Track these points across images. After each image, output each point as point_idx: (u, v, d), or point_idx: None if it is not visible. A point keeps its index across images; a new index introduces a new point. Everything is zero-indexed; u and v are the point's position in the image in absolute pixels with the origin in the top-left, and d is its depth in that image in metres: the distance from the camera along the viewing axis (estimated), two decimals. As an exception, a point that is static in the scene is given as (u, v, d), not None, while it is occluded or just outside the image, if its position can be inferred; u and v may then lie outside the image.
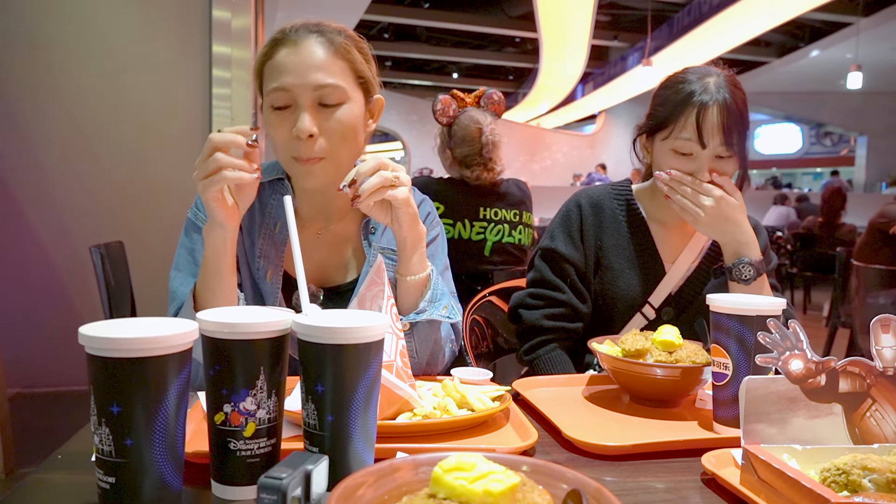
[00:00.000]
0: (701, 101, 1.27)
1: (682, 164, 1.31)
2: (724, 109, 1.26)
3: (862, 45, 11.91)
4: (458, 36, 16.91)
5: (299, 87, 1.07)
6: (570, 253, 1.41)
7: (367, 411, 0.68)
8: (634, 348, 1.07)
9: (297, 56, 1.08)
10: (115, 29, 3.28)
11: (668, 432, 0.95)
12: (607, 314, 1.40)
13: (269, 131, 1.12)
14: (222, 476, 0.68)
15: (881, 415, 0.79)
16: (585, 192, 1.48)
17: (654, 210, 1.44)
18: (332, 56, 1.10)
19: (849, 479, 0.66)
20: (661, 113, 1.33)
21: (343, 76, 1.10)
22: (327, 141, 1.09)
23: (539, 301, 1.42)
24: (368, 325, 0.67)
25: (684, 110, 1.28)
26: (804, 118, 18.28)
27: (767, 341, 0.79)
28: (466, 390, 0.95)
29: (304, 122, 1.07)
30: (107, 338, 0.58)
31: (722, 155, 1.29)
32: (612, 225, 1.42)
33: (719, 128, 1.26)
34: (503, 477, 0.51)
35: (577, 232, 1.42)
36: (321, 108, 1.09)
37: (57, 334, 3.08)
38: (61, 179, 3.23)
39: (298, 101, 1.08)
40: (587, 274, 1.41)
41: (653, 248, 1.41)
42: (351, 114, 1.11)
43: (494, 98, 2.38)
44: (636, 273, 1.40)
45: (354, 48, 1.14)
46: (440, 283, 1.12)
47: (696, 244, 1.42)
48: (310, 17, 1.14)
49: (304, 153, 1.08)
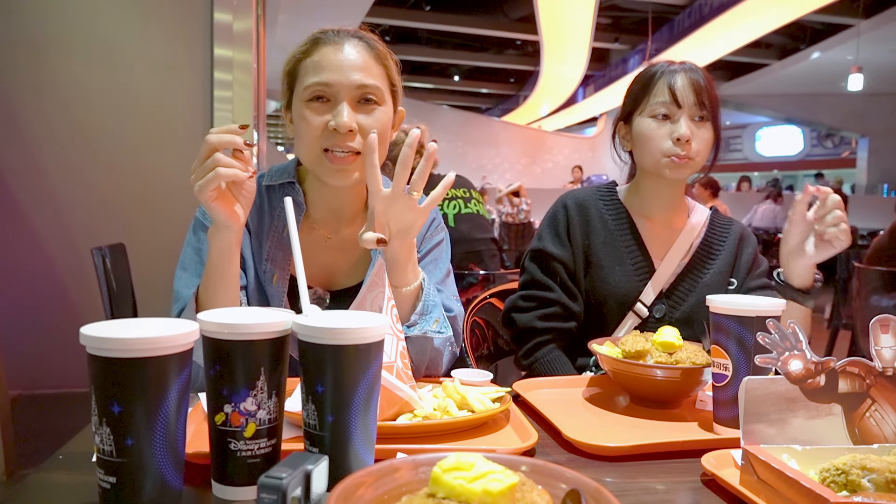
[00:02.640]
0: (669, 71, 1.37)
1: (663, 130, 1.34)
2: (693, 74, 1.35)
3: (863, 47, 11.91)
4: (459, 38, 16.92)
5: (342, 83, 1.09)
6: (559, 252, 1.42)
7: (366, 412, 0.68)
8: (635, 349, 1.07)
9: (341, 54, 1.10)
10: (117, 31, 3.29)
11: (668, 433, 0.95)
12: (599, 312, 1.40)
13: (300, 125, 1.12)
14: (223, 476, 0.69)
15: (881, 415, 0.79)
16: (570, 193, 1.50)
17: (639, 206, 1.45)
18: (372, 59, 1.13)
19: (848, 479, 0.66)
20: (633, 95, 1.42)
21: (381, 80, 1.13)
22: (363, 139, 1.10)
23: (531, 303, 1.42)
24: (368, 326, 0.67)
25: (656, 82, 1.37)
26: (805, 120, 18.25)
27: (767, 342, 0.79)
28: (467, 391, 0.95)
29: (344, 115, 1.08)
30: (108, 338, 0.58)
31: (697, 117, 1.34)
32: (599, 223, 1.43)
33: (690, 88, 1.33)
34: (502, 477, 0.51)
35: (564, 231, 1.43)
36: (359, 106, 1.11)
37: (58, 336, 3.09)
38: (63, 181, 3.24)
39: (338, 97, 1.09)
40: (576, 272, 1.42)
41: (640, 244, 1.42)
42: (386, 116, 1.14)
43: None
44: (625, 269, 1.40)
45: (390, 57, 1.17)
46: (431, 294, 1.11)
47: (685, 241, 1.43)
48: (312, 20, 1.15)
49: (340, 146, 1.09)
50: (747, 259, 1.46)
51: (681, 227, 1.44)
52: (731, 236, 1.46)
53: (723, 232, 1.47)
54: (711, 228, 1.47)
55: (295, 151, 1.18)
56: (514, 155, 19.06)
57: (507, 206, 7.93)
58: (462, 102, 23.98)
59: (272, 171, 1.26)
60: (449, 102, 22.84)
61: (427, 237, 1.28)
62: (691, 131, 1.32)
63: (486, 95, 24.06)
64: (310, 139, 1.11)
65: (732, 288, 1.43)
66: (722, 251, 1.44)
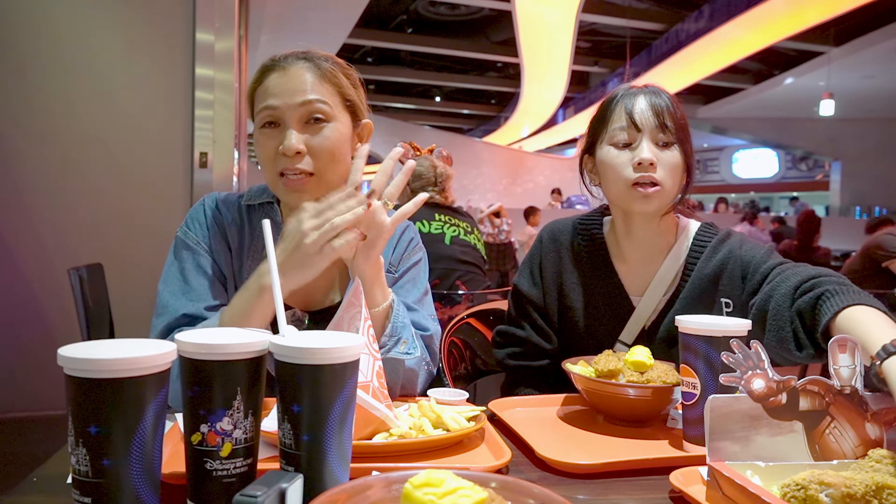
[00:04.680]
0: (628, 95, 1.28)
1: (624, 157, 1.25)
2: (653, 96, 1.26)
3: (833, 74, 12.25)
4: (441, 60, 17.11)
5: (286, 105, 1.11)
6: (529, 291, 1.40)
7: (342, 431, 0.69)
8: (607, 369, 1.09)
9: (286, 79, 1.12)
10: (98, 51, 3.30)
11: (638, 451, 0.97)
12: (574, 350, 1.35)
13: (258, 150, 1.15)
14: (199, 496, 0.69)
15: (840, 432, 0.82)
16: (549, 225, 1.45)
17: (615, 246, 1.37)
18: (318, 79, 1.14)
19: (807, 493, 0.68)
20: (593, 124, 1.33)
21: (329, 98, 1.14)
22: (314, 158, 1.12)
23: (501, 339, 1.45)
24: (344, 346, 0.68)
25: (614, 108, 1.28)
26: (780, 143, 18.65)
27: (730, 361, 0.82)
28: (442, 410, 0.97)
29: (290, 139, 1.10)
30: (85, 358, 0.59)
31: (662, 142, 1.24)
32: (572, 261, 1.38)
33: (651, 111, 1.24)
34: (471, 493, 0.53)
35: (537, 268, 1.41)
36: (307, 126, 1.13)
37: (33, 358, 3.04)
38: (40, 200, 3.22)
39: (285, 120, 1.11)
40: (548, 311, 1.39)
41: (617, 284, 1.34)
42: (337, 132, 1.14)
43: (444, 153, 3.02)
44: (601, 311, 1.34)
45: (341, 73, 1.18)
46: (401, 315, 1.13)
47: (666, 275, 1.32)
48: (294, 40, 1.18)
49: (291, 169, 1.11)
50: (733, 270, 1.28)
51: (658, 263, 1.33)
52: (711, 256, 1.30)
53: (698, 255, 1.31)
54: (692, 254, 1.32)
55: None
56: (496, 175, 19.20)
57: (489, 227, 7.99)
58: (444, 123, 24.18)
59: (252, 191, 1.28)
60: (431, 123, 23.03)
61: (405, 257, 1.30)
62: (655, 156, 1.22)
63: (467, 116, 24.28)
64: (266, 163, 1.14)
65: (730, 310, 1.27)
66: (699, 277, 1.29)
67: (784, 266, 1.22)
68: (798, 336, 1.08)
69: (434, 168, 2.88)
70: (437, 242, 2.71)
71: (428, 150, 3.01)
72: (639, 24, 13.33)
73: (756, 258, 1.26)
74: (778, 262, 1.24)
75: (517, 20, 11.51)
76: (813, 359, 1.07)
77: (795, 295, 1.10)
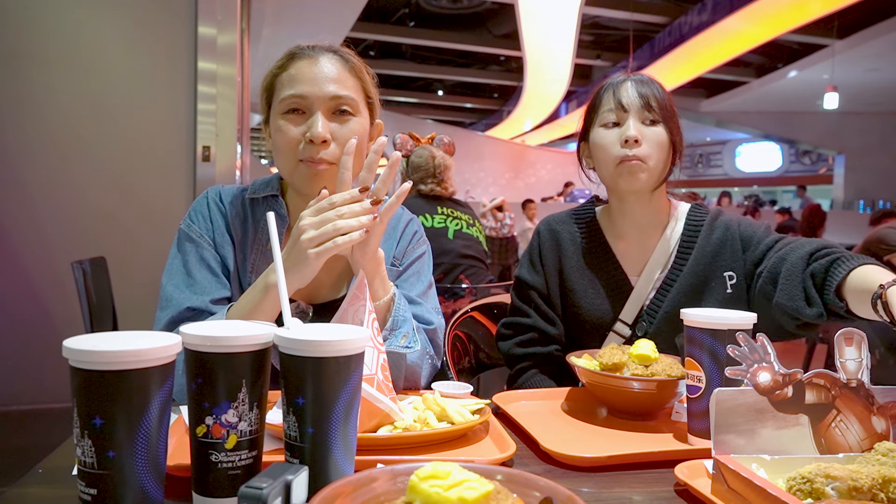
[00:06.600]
0: (616, 83, 1.37)
1: (612, 135, 1.34)
2: (639, 82, 1.36)
3: (837, 67, 12.20)
4: (443, 54, 17.07)
5: (316, 95, 1.11)
6: (532, 278, 1.45)
7: (346, 423, 0.69)
8: (612, 362, 1.09)
9: (316, 67, 1.13)
10: (100, 45, 3.29)
11: (643, 444, 0.97)
12: (578, 334, 1.41)
13: (277, 137, 1.14)
14: (203, 488, 0.69)
15: (846, 425, 0.81)
16: (546, 219, 1.52)
17: (611, 226, 1.44)
18: (346, 72, 1.15)
19: (813, 486, 0.68)
20: (587, 112, 1.42)
21: (356, 91, 1.15)
22: (338, 149, 1.12)
23: (509, 330, 1.46)
24: (348, 339, 0.68)
25: (604, 96, 1.38)
26: (783, 137, 18.60)
27: (736, 354, 0.82)
28: (446, 403, 0.97)
29: (318, 126, 1.10)
30: (90, 350, 0.59)
31: (647, 120, 1.33)
32: (571, 247, 1.44)
33: (637, 94, 1.34)
34: (477, 485, 0.52)
35: (537, 258, 1.46)
36: (333, 116, 1.13)
37: (37, 351, 3.05)
38: (43, 194, 3.22)
39: (313, 109, 1.11)
40: (551, 296, 1.43)
41: (615, 264, 1.40)
42: (361, 127, 1.15)
43: (445, 140, 2.94)
44: (600, 291, 1.39)
45: (365, 70, 1.20)
46: (402, 309, 1.12)
47: (662, 255, 1.39)
48: (296, 34, 1.18)
49: (314, 156, 1.10)
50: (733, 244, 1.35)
51: (655, 242, 1.40)
52: (709, 232, 1.37)
53: (695, 232, 1.38)
54: (686, 231, 1.39)
55: (275, 164, 1.20)
56: (498, 169, 19.19)
57: (491, 221, 7.99)
58: (446, 117, 24.15)
59: (256, 184, 1.27)
60: (433, 117, 22.99)
61: (409, 250, 1.30)
62: (640, 132, 1.31)
63: (469, 110, 24.24)
64: (286, 150, 1.13)
65: (733, 282, 1.33)
66: (701, 253, 1.35)
67: (790, 238, 1.31)
68: (808, 294, 1.15)
69: (433, 158, 2.83)
70: (440, 237, 2.69)
71: (428, 140, 2.96)
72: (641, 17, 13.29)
73: (757, 233, 1.36)
74: (780, 237, 1.33)
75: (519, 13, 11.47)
76: (820, 318, 1.14)
77: (811, 259, 1.18)
